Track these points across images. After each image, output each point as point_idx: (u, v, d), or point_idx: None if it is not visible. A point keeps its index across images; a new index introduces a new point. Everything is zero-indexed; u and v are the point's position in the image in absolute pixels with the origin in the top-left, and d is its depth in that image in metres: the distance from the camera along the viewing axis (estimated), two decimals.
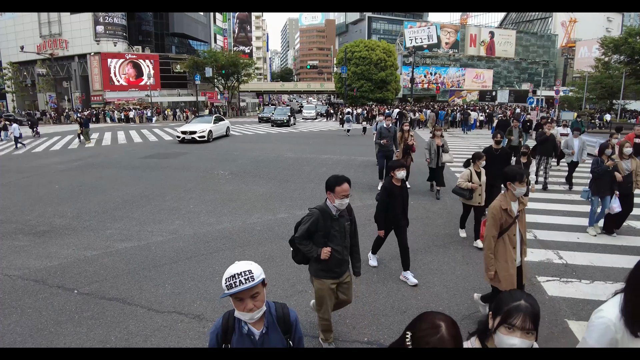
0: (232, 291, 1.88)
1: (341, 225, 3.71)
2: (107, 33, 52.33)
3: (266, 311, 2.08)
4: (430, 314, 1.54)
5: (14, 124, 22.62)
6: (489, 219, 3.96)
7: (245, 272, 1.90)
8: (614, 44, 37.26)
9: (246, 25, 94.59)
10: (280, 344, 2.12)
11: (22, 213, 8.72)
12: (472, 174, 6.70)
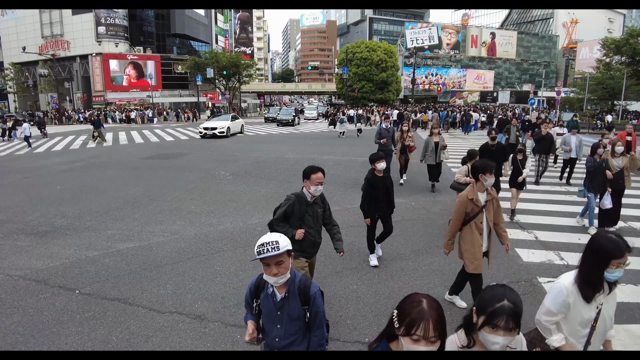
0: (260, 257, 2.22)
1: (314, 210, 4.16)
2: (108, 34, 52.43)
3: (290, 279, 2.38)
4: (415, 293, 1.68)
5: (25, 124, 23.05)
6: (457, 206, 4.32)
7: (273, 242, 2.23)
8: (616, 45, 37.18)
9: (247, 26, 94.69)
10: (297, 312, 2.40)
11: (24, 213, 8.74)
12: (468, 170, 6.97)
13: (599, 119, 33.92)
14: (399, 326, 1.62)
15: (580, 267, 2.41)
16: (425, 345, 1.57)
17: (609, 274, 2.30)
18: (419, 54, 68.87)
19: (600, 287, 2.36)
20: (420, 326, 1.56)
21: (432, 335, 1.56)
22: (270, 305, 2.42)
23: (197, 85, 50.78)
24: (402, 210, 8.57)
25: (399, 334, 1.62)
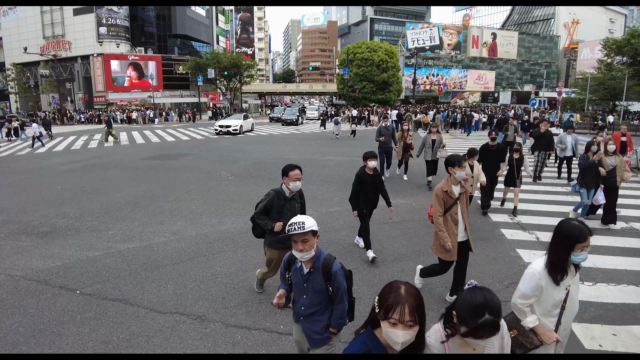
0: (288, 234, 2.61)
1: (292, 205, 4.58)
2: (109, 34, 52.53)
3: (315, 257, 2.74)
4: (395, 281, 1.80)
5: (34, 124, 23.44)
6: (434, 200, 4.56)
7: (300, 222, 2.60)
8: (617, 45, 37.15)
9: (248, 27, 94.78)
10: (320, 286, 2.74)
11: (25, 214, 8.75)
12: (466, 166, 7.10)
13: (601, 120, 33.89)
14: (378, 311, 1.72)
15: (549, 253, 2.62)
16: (403, 329, 1.64)
17: (575, 256, 2.53)
18: (420, 55, 68.88)
19: (568, 270, 2.59)
20: (397, 310, 1.64)
21: (409, 319, 1.64)
22: (298, 278, 2.82)
23: (198, 85, 50.83)
24: (404, 211, 8.56)
25: (379, 318, 1.71)
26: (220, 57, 52.13)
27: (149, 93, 49.68)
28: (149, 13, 58.20)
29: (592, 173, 7.68)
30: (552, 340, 2.57)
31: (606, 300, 4.89)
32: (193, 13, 61.79)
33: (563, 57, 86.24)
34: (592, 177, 7.69)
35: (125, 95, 53.44)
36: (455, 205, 4.50)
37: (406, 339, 1.66)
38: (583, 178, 7.82)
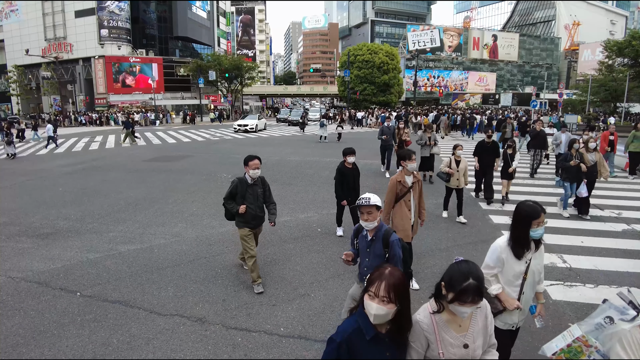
0: (357, 205, 3.22)
1: (255, 191, 5.21)
2: (111, 36, 52.69)
3: (377, 227, 3.35)
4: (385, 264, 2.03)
5: (49, 125, 23.74)
6: (388, 188, 5.16)
7: (366, 198, 3.19)
8: (618, 46, 37.12)
9: (250, 29, 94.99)
10: (379, 251, 3.35)
11: (26, 215, 8.75)
12: (452, 161, 8.03)
13: (602, 122, 33.87)
14: (365, 287, 1.93)
15: (511, 231, 2.95)
16: (377, 303, 1.82)
17: (533, 232, 2.83)
18: (421, 57, 68.95)
19: (528, 245, 2.89)
20: (375, 284, 1.85)
21: (383, 294, 1.82)
22: (363, 244, 3.45)
23: (199, 87, 50.90)
24: None
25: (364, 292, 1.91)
26: (221, 59, 52.22)
27: (150, 95, 49.79)
28: (151, 15, 58.38)
29: (574, 169, 8.25)
30: (514, 306, 2.86)
31: None
32: (194, 15, 61.95)
33: (564, 59, 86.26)
34: (574, 173, 8.31)
35: (127, 97, 53.54)
36: (408, 193, 5.14)
37: (379, 313, 1.83)
38: (566, 173, 8.44)
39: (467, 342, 2.02)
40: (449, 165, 8.03)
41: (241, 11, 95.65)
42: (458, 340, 2.01)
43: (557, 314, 4.60)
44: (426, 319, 2.02)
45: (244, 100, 66.83)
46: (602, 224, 7.90)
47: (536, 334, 4.17)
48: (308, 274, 5.65)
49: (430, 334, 1.99)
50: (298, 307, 4.75)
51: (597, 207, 9.13)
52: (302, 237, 7.17)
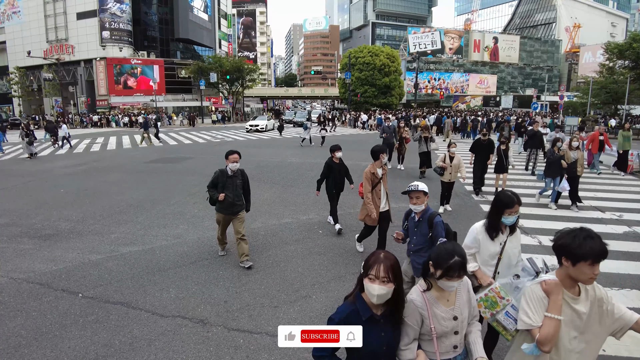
0: (408, 191, 3.88)
1: (234, 181, 5.92)
2: (112, 38, 52.82)
3: (424, 210, 3.93)
4: (376, 250, 2.20)
5: (64, 125, 24.09)
6: (364, 180, 5.91)
7: (415, 184, 3.84)
8: (619, 49, 37.08)
9: (251, 31, 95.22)
10: (425, 231, 3.90)
11: (28, 216, 8.77)
12: (446, 157, 8.81)
13: (604, 124, 33.88)
14: (362, 272, 2.11)
15: (487, 215, 3.33)
16: (379, 284, 2.01)
17: (505, 219, 3.20)
18: (422, 59, 69.00)
19: (499, 229, 3.26)
20: (374, 268, 2.03)
21: (383, 275, 2.01)
22: (412, 224, 4.05)
23: (200, 89, 50.97)
24: None
25: (363, 277, 2.09)
26: (222, 61, 52.30)
27: (151, 97, 49.88)
28: (152, 17, 58.55)
29: (556, 165, 9.08)
30: (487, 282, 3.08)
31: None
32: (196, 17, 62.11)
33: (565, 61, 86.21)
34: (556, 169, 9.11)
35: (128, 99, 53.63)
36: (379, 184, 5.89)
37: (381, 293, 2.01)
38: (549, 169, 9.29)
39: (455, 314, 2.24)
40: (443, 160, 8.79)
41: (242, 13, 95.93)
42: (448, 314, 2.22)
43: None
44: (418, 297, 2.22)
45: (245, 102, 66.90)
46: (604, 226, 7.90)
47: None
48: (309, 276, 5.65)
49: (424, 310, 2.18)
50: (300, 308, 4.76)
51: (599, 210, 9.13)
52: (304, 239, 7.18)
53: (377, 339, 2.09)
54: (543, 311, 2.15)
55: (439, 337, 2.20)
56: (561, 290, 2.18)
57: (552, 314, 2.11)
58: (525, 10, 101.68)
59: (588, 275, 2.07)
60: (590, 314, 2.18)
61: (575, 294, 2.19)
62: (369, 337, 2.05)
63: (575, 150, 9.39)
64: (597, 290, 2.22)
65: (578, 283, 2.18)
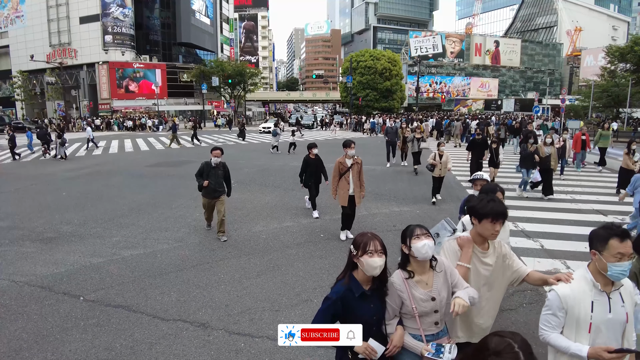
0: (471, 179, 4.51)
1: (216, 172, 7.29)
2: (115, 42, 53.07)
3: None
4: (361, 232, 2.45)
5: (88, 127, 24.29)
6: (334, 168, 7.17)
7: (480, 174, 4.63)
8: (620, 52, 37.13)
9: (252, 35, 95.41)
10: None
11: (30, 220, 8.79)
12: (436, 155, 9.98)
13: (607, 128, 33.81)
14: (356, 252, 2.33)
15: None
16: (378, 256, 2.29)
17: None
18: (423, 63, 69.04)
19: None
20: (371, 244, 2.30)
21: (380, 249, 2.31)
22: None
23: (202, 93, 51.10)
24: (408, 219, 8.54)
25: (358, 257, 2.32)
26: (224, 65, 52.44)
27: (153, 100, 50.00)
28: (154, 21, 58.85)
29: (529, 159, 10.42)
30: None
31: None
32: (198, 22, 62.37)
33: (566, 65, 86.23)
34: (529, 162, 10.42)
35: (130, 103, 53.80)
36: (347, 172, 7.12)
37: (381, 263, 2.31)
38: (523, 161, 10.73)
39: (433, 295, 2.42)
40: (433, 158, 9.96)
41: (244, 18, 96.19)
42: (426, 295, 2.41)
43: None
44: (399, 280, 2.44)
45: (247, 106, 67.00)
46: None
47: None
48: (311, 280, 5.64)
49: (403, 292, 2.40)
50: (301, 312, 4.75)
51: (601, 213, 9.10)
52: (305, 242, 7.17)
53: (369, 310, 2.38)
54: (456, 261, 2.65)
55: (420, 315, 2.41)
56: (472, 245, 2.66)
57: (462, 263, 2.63)
58: (526, 14, 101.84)
59: (490, 231, 2.56)
60: (496, 267, 2.68)
61: (485, 249, 2.69)
62: (362, 310, 2.36)
63: (549, 146, 10.58)
64: (502, 248, 2.73)
65: (487, 240, 2.66)
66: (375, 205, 9.72)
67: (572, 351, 2.16)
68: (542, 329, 2.33)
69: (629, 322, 2.26)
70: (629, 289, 2.32)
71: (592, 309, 2.19)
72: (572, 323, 2.23)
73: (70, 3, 53.61)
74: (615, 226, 2.26)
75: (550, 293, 2.31)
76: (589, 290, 2.24)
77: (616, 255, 2.13)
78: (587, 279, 2.28)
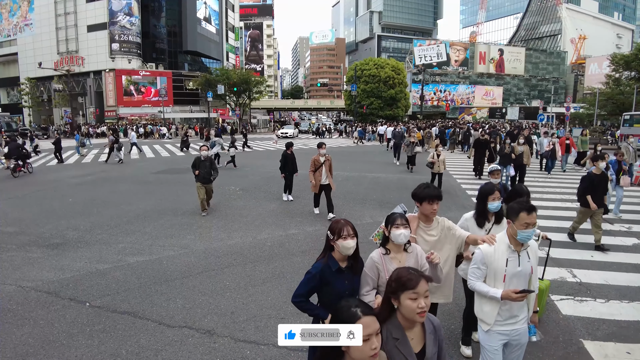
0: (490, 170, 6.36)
1: (205, 164, 9.61)
2: (122, 50, 53.60)
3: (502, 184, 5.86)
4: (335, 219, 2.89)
5: (132, 132, 24.73)
6: (310, 164, 9.35)
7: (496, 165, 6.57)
8: (625, 60, 37.03)
9: (258, 44, 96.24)
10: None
11: (37, 225, 8.85)
12: (434, 155, 12.06)
13: (610, 135, 33.73)
14: (333, 237, 2.75)
15: (475, 205, 3.97)
16: (351, 239, 2.70)
17: (490, 205, 3.79)
18: (427, 71, 69.23)
19: (487, 217, 3.88)
20: (345, 229, 2.71)
21: (352, 233, 2.72)
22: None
23: (208, 101, 51.40)
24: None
25: (335, 240, 2.73)
26: (229, 73, 52.76)
27: (159, 108, 50.34)
28: (161, 30, 59.43)
29: (506, 157, 12.70)
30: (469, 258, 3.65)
31: (619, 317, 4.80)
32: (204, 30, 62.92)
33: (570, 73, 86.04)
34: (506, 160, 12.67)
35: (136, 110, 54.18)
36: (320, 167, 9.25)
37: (354, 244, 2.72)
38: (501, 160, 12.96)
39: None
40: (432, 157, 12.07)
41: (250, 26, 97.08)
42: None
43: (568, 329, 4.54)
44: (377, 256, 2.90)
45: (252, 113, 67.30)
46: (613, 238, 7.82)
47: (547, 348, 4.12)
48: None
49: (380, 265, 2.84)
50: (307, 320, 4.70)
51: (607, 222, 9.04)
52: (310, 250, 7.16)
53: (343, 284, 2.77)
54: None
55: None
56: (416, 220, 3.49)
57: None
58: (531, 22, 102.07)
59: (429, 210, 3.38)
60: (441, 237, 3.46)
61: (429, 223, 3.48)
62: (338, 283, 2.75)
63: (522, 146, 13.00)
64: (445, 223, 3.52)
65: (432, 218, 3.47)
66: (380, 213, 9.65)
67: (491, 294, 2.84)
68: (470, 278, 3.00)
69: (533, 273, 2.98)
70: (535, 249, 3.03)
71: (507, 263, 2.85)
72: (492, 274, 2.90)
73: (79, 12, 54.30)
74: (525, 202, 2.93)
75: (476, 251, 2.98)
76: (505, 250, 2.88)
77: (524, 224, 2.77)
78: (504, 242, 2.91)
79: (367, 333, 1.70)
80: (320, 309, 2.83)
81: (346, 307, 1.79)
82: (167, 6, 59.07)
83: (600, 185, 7.35)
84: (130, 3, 53.12)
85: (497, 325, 2.90)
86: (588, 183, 7.32)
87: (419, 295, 2.01)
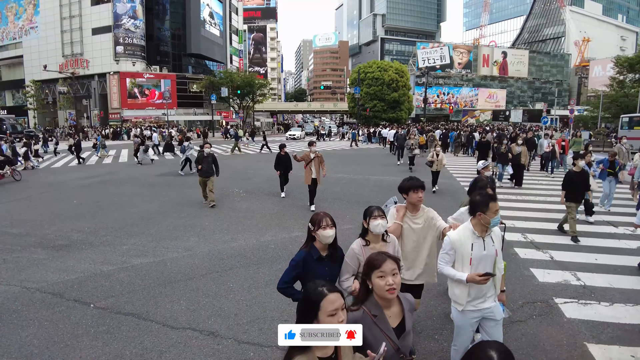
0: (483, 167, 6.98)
1: (207, 159, 10.78)
2: (126, 53, 53.92)
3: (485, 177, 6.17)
4: (315, 213, 3.15)
5: (154, 134, 25.22)
6: (304, 156, 10.38)
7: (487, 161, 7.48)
8: (629, 62, 36.96)
9: (261, 47, 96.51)
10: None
11: (42, 227, 8.90)
12: (434, 154, 12.87)
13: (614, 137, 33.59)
14: (314, 227, 3.01)
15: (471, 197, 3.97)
16: (330, 229, 2.97)
17: None
18: (431, 74, 69.15)
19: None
20: (324, 220, 2.99)
21: (330, 223, 2.99)
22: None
23: (211, 104, 51.58)
24: None
25: (315, 231, 2.99)
26: (233, 76, 52.91)
27: (163, 110, 50.59)
28: (165, 33, 59.76)
29: (503, 156, 13.58)
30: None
31: (624, 321, 4.78)
32: (207, 33, 63.21)
33: (574, 75, 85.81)
34: (503, 159, 13.55)
35: (140, 113, 54.45)
36: (311, 162, 10.21)
37: (332, 233, 2.99)
38: (499, 159, 13.84)
39: None
40: (432, 156, 12.92)
41: (253, 29, 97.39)
42: None
43: (572, 332, 4.52)
44: (358, 246, 3.15)
45: (255, 116, 67.47)
46: (617, 241, 7.79)
47: (551, 351, 4.11)
48: None
49: (360, 255, 3.08)
50: None
51: (612, 225, 9.01)
52: None
53: (323, 271, 3.00)
54: (393, 220, 3.84)
55: None
56: (404, 209, 3.88)
57: (396, 221, 3.84)
58: (534, 24, 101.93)
59: (415, 198, 3.79)
60: (425, 225, 3.85)
61: (415, 213, 3.87)
62: (318, 269, 2.99)
63: (520, 146, 13.93)
64: (430, 213, 3.91)
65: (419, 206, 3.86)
66: None
67: (457, 277, 3.13)
68: (439, 263, 3.30)
69: (498, 256, 3.23)
70: (498, 233, 3.32)
71: (472, 248, 3.13)
72: (460, 259, 3.18)
73: (84, 15, 54.69)
74: (489, 193, 3.32)
75: (445, 238, 3.31)
76: (470, 236, 3.18)
77: (494, 212, 3.12)
78: (469, 229, 3.21)
79: (333, 307, 1.88)
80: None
81: (313, 287, 1.97)
82: (171, 9, 59.41)
83: (580, 181, 8.00)
84: (135, 6, 53.50)
85: (469, 305, 3.19)
86: (567, 180, 8.04)
87: (385, 274, 2.22)
